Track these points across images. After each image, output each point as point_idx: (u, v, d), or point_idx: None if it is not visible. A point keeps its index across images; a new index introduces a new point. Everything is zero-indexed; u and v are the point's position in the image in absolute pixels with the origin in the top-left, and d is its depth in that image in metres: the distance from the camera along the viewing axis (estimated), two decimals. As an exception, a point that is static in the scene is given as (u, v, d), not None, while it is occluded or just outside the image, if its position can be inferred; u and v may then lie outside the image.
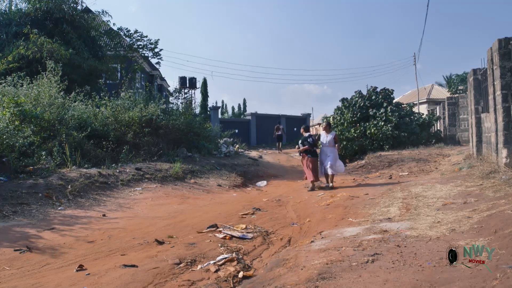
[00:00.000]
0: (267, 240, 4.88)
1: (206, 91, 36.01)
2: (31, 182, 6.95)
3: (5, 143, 7.34)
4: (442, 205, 5.19)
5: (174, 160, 10.81)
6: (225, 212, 6.59)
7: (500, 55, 6.81)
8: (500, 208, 4.26)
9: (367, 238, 3.91)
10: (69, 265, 3.79)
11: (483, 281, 2.44)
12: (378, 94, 17.50)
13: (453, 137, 17.10)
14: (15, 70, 10.80)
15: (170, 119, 12.60)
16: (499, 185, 5.66)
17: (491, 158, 7.79)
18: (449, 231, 3.83)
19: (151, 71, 25.25)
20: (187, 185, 9.50)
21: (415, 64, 32.78)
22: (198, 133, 14.03)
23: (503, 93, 6.77)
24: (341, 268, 3.05)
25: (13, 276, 3.50)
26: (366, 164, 13.06)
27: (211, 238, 4.79)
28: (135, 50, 18.13)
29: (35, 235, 4.81)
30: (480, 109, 9.45)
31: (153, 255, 4.07)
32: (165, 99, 15.43)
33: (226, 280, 3.33)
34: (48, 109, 9.05)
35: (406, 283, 2.64)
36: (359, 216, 5.22)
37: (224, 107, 62.30)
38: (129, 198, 7.55)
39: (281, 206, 7.30)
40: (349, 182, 9.50)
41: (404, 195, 6.34)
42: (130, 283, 3.25)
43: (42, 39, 12.01)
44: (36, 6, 13.51)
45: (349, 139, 16.12)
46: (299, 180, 11.66)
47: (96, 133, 10.23)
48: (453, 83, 33.64)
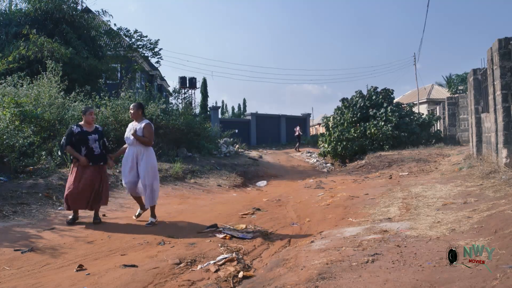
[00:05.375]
0: (267, 240, 4.88)
1: (206, 91, 36.02)
2: (31, 182, 6.95)
3: (5, 143, 7.34)
4: (442, 205, 5.19)
5: (174, 160, 10.81)
6: (225, 212, 6.59)
7: (500, 55, 6.81)
8: (500, 208, 4.26)
9: (367, 238, 3.91)
10: (69, 265, 3.79)
11: (483, 281, 2.44)
12: (378, 94, 17.51)
13: (453, 137, 17.10)
14: (16, 70, 10.79)
15: (170, 119, 12.61)
16: (499, 185, 5.66)
17: (491, 158, 7.79)
18: (449, 231, 3.83)
19: (151, 71, 25.25)
20: (187, 185, 9.50)
21: (415, 64, 32.80)
22: (198, 133, 14.04)
23: (503, 93, 6.77)
24: (341, 268, 3.05)
25: (13, 276, 3.50)
26: (366, 164, 13.06)
27: (211, 238, 4.79)
28: (135, 50, 18.13)
29: (35, 235, 4.81)
30: (480, 109, 9.45)
31: (153, 255, 4.07)
32: (165, 99, 15.45)
33: (226, 280, 3.32)
34: (48, 109, 9.05)
35: (406, 283, 2.64)
36: (359, 216, 5.22)
37: (224, 107, 62.32)
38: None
39: (281, 206, 7.30)
40: (349, 182, 9.50)
41: (404, 195, 6.33)
42: (130, 283, 3.25)
43: (42, 39, 12.01)
44: (36, 6, 13.51)
45: (349, 139, 16.13)
46: (299, 180, 11.67)
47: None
48: (453, 83, 33.67)
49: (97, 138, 5.49)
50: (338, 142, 16.43)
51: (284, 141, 29.13)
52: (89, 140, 5.40)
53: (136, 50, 18.28)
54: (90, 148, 5.40)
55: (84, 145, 5.37)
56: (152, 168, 5.51)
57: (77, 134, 5.37)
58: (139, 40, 18.21)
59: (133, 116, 5.55)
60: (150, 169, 5.47)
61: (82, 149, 5.36)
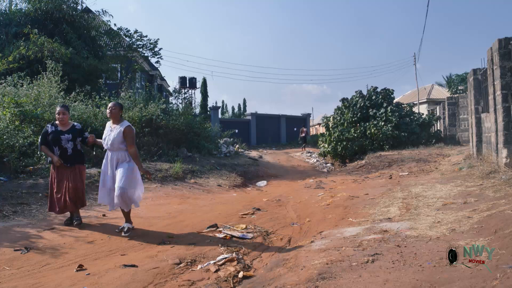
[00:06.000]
0: (267, 240, 4.88)
1: (206, 91, 36.02)
2: (31, 182, 6.95)
3: (5, 143, 7.34)
4: (442, 205, 5.19)
5: (174, 160, 10.81)
6: (225, 212, 6.59)
7: (500, 55, 6.81)
8: (500, 208, 4.26)
9: (367, 238, 3.91)
10: (69, 265, 3.79)
11: (483, 281, 2.44)
12: (378, 94, 17.51)
13: (453, 137, 17.10)
14: (16, 70, 10.80)
15: (170, 119, 12.61)
16: (499, 185, 5.66)
17: (491, 158, 7.79)
18: (449, 231, 3.83)
19: (151, 71, 25.24)
20: (187, 185, 9.50)
21: (415, 64, 32.80)
22: (198, 133, 14.04)
23: (503, 93, 6.78)
24: (341, 268, 3.05)
25: (13, 276, 3.50)
26: (366, 164, 13.07)
27: (211, 238, 4.79)
28: (135, 50, 18.13)
29: (35, 235, 4.81)
30: (480, 109, 9.45)
31: (153, 255, 4.07)
32: (165, 99, 15.44)
33: (226, 280, 3.33)
34: (48, 109, 9.04)
35: (406, 283, 2.64)
36: (359, 216, 5.22)
37: (224, 107, 62.36)
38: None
39: (281, 206, 7.30)
40: (349, 182, 9.50)
41: (404, 195, 6.33)
42: (130, 283, 3.26)
43: (42, 39, 12.01)
44: (36, 6, 13.51)
45: (349, 139, 16.14)
46: (299, 180, 11.67)
47: (96, 133, 10.11)
48: (453, 83, 33.65)
49: (70, 138, 5.13)
50: (338, 142, 16.43)
51: (284, 141, 29.14)
52: (62, 140, 5.09)
53: (136, 50, 18.27)
54: (64, 148, 5.10)
55: (57, 145, 5.09)
56: (131, 170, 4.77)
57: (51, 134, 5.10)
58: (139, 40, 18.20)
59: (113, 115, 4.82)
60: (129, 171, 4.73)
61: (55, 149, 5.09)
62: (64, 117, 5.16)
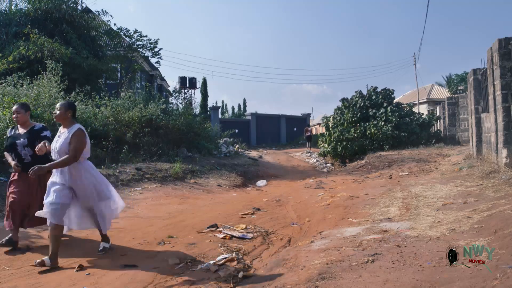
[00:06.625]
0: (267, 240, 4.88)
1: (206, 91, 35.98)
2: (31, 182, 6.94)
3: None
4: (442, 205, 5.19)
5: (174, 160, 10.81)
6: (225, 212, 6.59)
7: (500, 55, 6.81)
8: (500, 208, 4.26)
9: (367, 238, 3.91)
10: (69, 265, 3.79)
11: (483, 281, 2.44)
12: (378, 94, 17.52)
13: (453, 137, 17.10)
14: (16, 70, 10.79)
15: (170, 119, 12.62)
16: (499, 185, 5.66)
17: (491, 158, 7.79)
18: (449, 231, 3.83)
19: (151, 71, 25.24)
20: (187, 185, 9.50)
21: (415, 64, 32.78)
22: (198, 133, 14.05)
23: (503, 93, 6.77)
24: (341, 268, 3.05)
25: (13, 276, 3.51)
26: (366, 164, 13.07)
27: (211, 238, 4.79)
28: (135, 50, 18.13)
29: (36, 235, 4.81)
30: (480, 109, 9.45)
31: (153, 255, 4.07)
32: (165, 99, 15.45)
33: (226, 280, 3.32)
34: (48, 109, 9.03)
35: (406, 283, 2.64)
36: (359, 216, 5.22)
37: (224, 107, 62.36)
38: (129, 198, 7.54)
39: (281, 206, 7.30)
40: (349, 182, 9.50)
41: (404, 195, 6.33)
42: (130, 283, 3.26)
43: (42, 39, 12.01)
44: (36, 6, 13.50)
45: (349, 139, 16.14)
46: (299, 180, 11.67)
47: (96, 133, 10.23)
48: (453, 83, 33.66)
49: (26, 143, 4.22)
50: (338, 142, 16.43)
51: (284, 141, 29.14)
52: (17, 145, 4.25)
53: (136, 50, 18.27)
54: (19, 155, 4.26)
55: (13, 152, 4.28)
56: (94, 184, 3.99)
57: (8, 138, 4.37)
58: (139, 40, 18.20)
59: (58, 118, 3.85)
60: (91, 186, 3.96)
61: (12, 156, 4.30)
62: (19, 116, 4.32)
